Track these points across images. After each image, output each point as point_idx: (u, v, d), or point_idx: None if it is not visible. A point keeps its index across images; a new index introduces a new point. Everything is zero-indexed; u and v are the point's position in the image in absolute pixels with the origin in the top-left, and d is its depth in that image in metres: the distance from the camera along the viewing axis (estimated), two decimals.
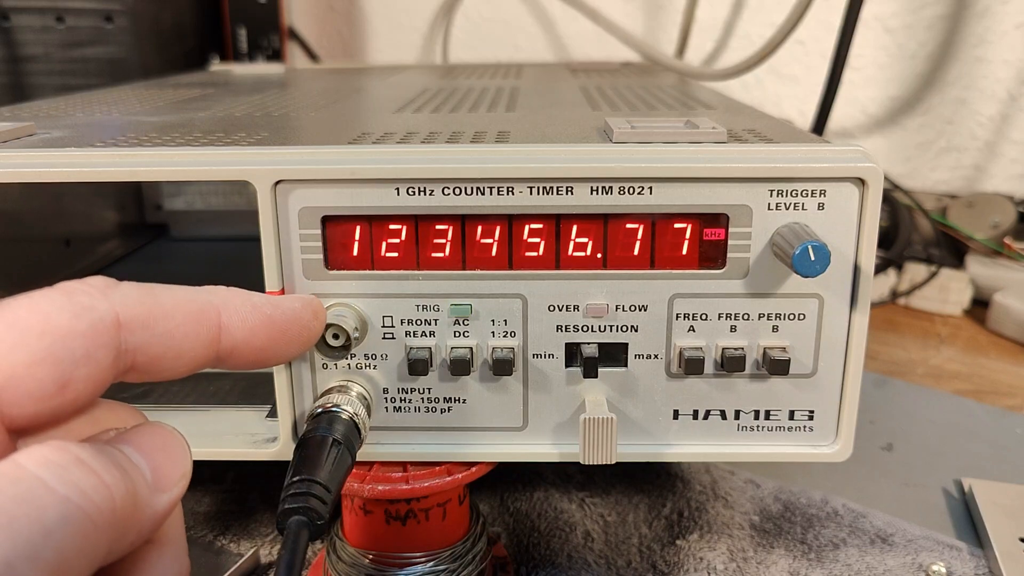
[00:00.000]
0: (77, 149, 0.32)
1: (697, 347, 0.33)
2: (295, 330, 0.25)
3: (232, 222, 0.69)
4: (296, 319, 0.25)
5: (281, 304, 0.25)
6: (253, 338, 0.24)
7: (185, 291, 0.23)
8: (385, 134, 0.36)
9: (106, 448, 0.20)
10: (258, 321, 0.24)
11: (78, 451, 0.18)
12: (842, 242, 0.31)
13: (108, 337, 0.20)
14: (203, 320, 0.23)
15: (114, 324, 0.21)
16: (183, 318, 0.22)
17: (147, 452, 0.21)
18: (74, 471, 0.18)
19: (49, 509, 0.17)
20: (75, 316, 0.20)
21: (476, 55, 1.08)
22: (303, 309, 0.26)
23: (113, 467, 0.19)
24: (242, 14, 0.92)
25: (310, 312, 0.26)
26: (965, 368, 0.66)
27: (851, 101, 0.93)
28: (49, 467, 0.18)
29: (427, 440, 0.35)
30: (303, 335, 0.26)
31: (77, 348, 0.20)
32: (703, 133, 0.32)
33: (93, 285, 0.21)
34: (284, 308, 0.25)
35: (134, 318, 0.21)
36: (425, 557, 0.35)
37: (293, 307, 0.26)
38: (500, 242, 0.32)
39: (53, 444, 0.18)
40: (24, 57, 0.77)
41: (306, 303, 0.26)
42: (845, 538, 0.43)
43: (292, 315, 0.25)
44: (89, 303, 0.20)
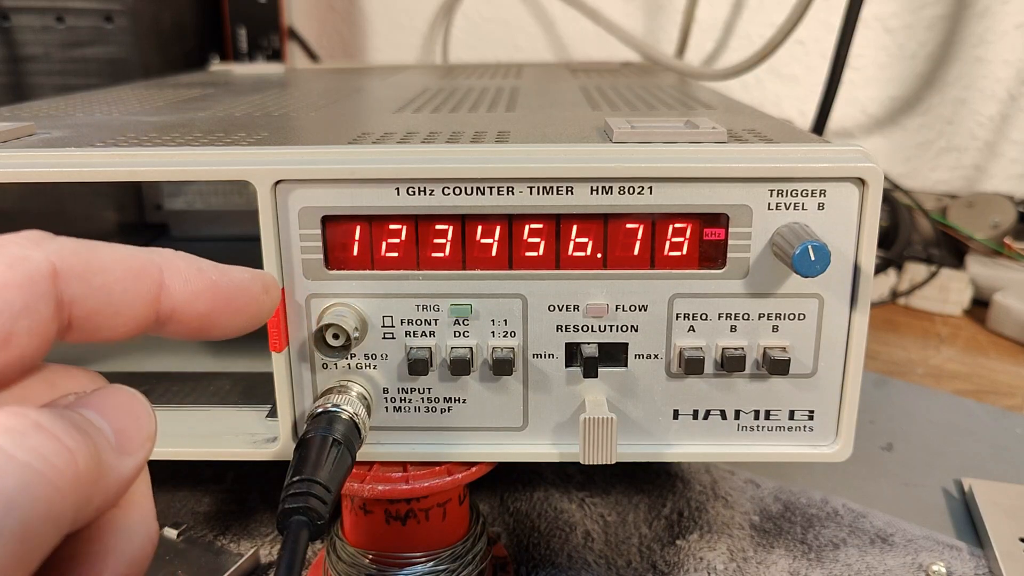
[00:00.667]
0: (77, 149, 0.32)
1: (697, 347, 0.33)
2: (242, 300, 0.24)
3: (232, 222, 0.69)
4: (243, 289, 0.24)
5: (229, 272, 0.24)
6: (195, 301, 0.23)
7: (126, 248, 0.22)
8: (385, 134, 0.36)
9: (66, 412, 0.19)
10: (202, 285, 0.23)
11: (36, 416, 0.18)
12: (842, 242, 0.31)
13: (44, 287, 0.20)
14: (143, 277, 0.22)
15: (50, 274, 0.20)
16: (122, 273, 0.22)
17: (109, 415, 0.20)
18: (33, 436, 0.17)
19: (9, 476, 0.17)
20: (8, 267, 0.19)
21: (476, 55, 1.08)
22: (252, 280, 0.25)
23: (74, 430, 0.18)
24: (242, 14, 0.92)
25: (260, 285, 0.25)
26: (965, 368, 0.66)
27: (851, 101, 0.93)
28: (7, 434, 0.17)
29: (427, 440, 0.35)
30: (251, 307, 0.25)
31: (15, 300, 0.19)
32: (703, 133, 0.32)
33: (27, 236, 0.20)
34: (232, 276, 0.24)
35: (70, 268, 0.20)
36: (425, 557, 0.35)
37: (242, 277, 0.24)
38: (500, 242, 0.32)
39: (9, 409, 0.18)
40: (24, 57, 0.77)
41: (256, 275, 0.25)
42: (845, 538, 0.43)
43: (240, 284, 0.24)
44: (22, 253, 0.20)
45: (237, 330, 0.24)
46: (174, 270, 0.23)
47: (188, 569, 0.40)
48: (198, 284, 0.23)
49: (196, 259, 0.24)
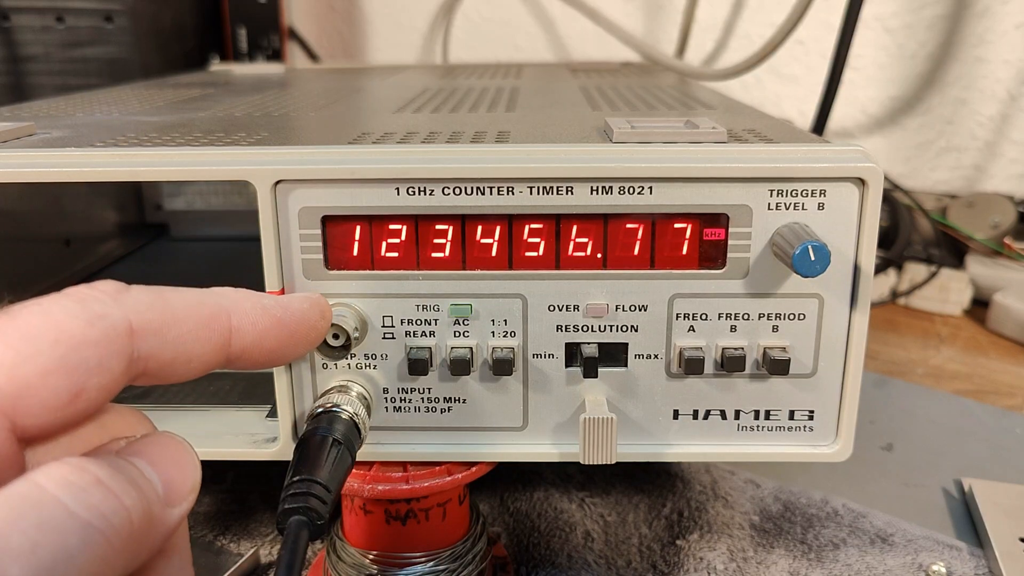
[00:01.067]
0: (77, 149, 0.32)
1: (697, 347, 0.33)
2: (303, 331, 0.25)
3: (232, 222, 0.69)
4: (304, 320, 0.25)
5: (290, 306, 0.25)
6: (263, 341, 0.24)
7: (195, 294, 0.23)
8: (385, 134, 0.36)
9: (121, 464, 0.19)
10: (268, 324, 0.24)
11: (96, 470, 0.18)
12: (842, 242, 0.31)
13: (121, 345, 0.20)
14: (214, 325, 0.23)
15: (127, 332, 0.20)
16: (194, 323, 0.22)
17: (159, 466, 0.20)
18: (94, 493, 0.18)
19: (71, 535, 0.17)
20: (88, 324, 0.20)
21: (476, 55, 1.08)
22: (311, 309, 0.26)
23: (130, 487, 0.19)
24: (242, 14, 0.92)
25: (317, 312, 0.26)
26: (965, 368, 0.66)
27: (851, 101, 0.93)
28: (70, 489, 0.17)
29: (427, 440, 0.35)
30: (311, 335, 0.26)
31: (91, 357, 0.19)
32: (703, 133, 0.32)
33: (104, 291, 0.21)
34: (293, 309, 0.25)
35: (146, 325, 0.21)
36: (425, 557, 0.35)
37: (302, 308, 0.26)
38: (500, 242, 0.32)
39: (71, 463, 0.18)
40: (24, 57, 0.77)
41: (313, 303, 0.26)
42: (845, 538, 0.43)
43: (301, 316, 0.25)
44: (102, 310, 0.20)
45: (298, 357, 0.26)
46: (241, 313, 0.23)
47: None
48: (264, 324, 0.24)
49: (259, 296, 0.24)
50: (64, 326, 0.19)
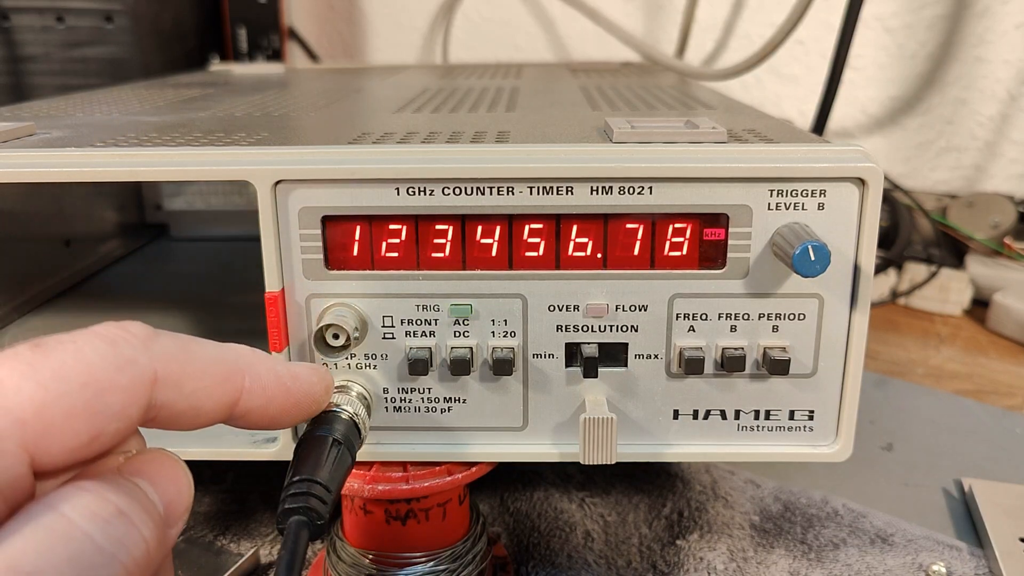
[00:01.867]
0: (77, 149, 0.32)
1: (697, 347, 0.33)
2: (306, 403, 0.26)
3: (232, 222, 0.69)
4: (310, 393, 0.26)
5: (299, 376, 0.25)
6: (268, 407, 0.24)
7: (216, 350, 0.23)
8: (385, 134, 0.36)
9: (131, 488, 0.20)
10: (277, 392, 0.24)
11: (116, 499, 0.19)
12: (842, 242, 0.31)
13: (144, 394, 0.20)
14: (228, 385, 0.23)
15: (151, 380, 0.21)
16: (211, 380, 0.22)
17: (161, 487, 0.21)
18: (118, 526, 0.18)
19: (100, 569, 0.17)
20: (118, 369, 0.20)
21: (476, 55, 1.08)
22: (319, 384, 0.26)
23: (146, 515, 0.19)
24: (242, 14, 0.92)
25: (323, 388, 0.27)
26: (965, 368, 0.66)
27: (851, 101, 0.93)
28: (95, 522, 0.18)
29: (427, 440, 0.35)
30: (311, 408, 0.27)
31: (115, 403, 0.20)
32: (703, 133, 0.32)
33: (136, 335, 0.21)
34: (302, 381, 0.25)
35: (168, 376, 0.21)
36: (425, 557, 0.35)
37: (310, 380, 0.26)
38: (500, 242, 0.32)
39: (91, 491, 0.18)
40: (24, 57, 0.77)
41: (321, 377, 0.27)
42: (845, 538, 0.43)
43: (308, 389, 0.26)
44: (132, 355, 0.20)
45: (292, 424, 0.26)
46: (255, 376, 0.24)
47: (188, 569, 0.40)
48: (273, 391, 0.24)
49: (273, 362, 0.25)
50: (95, 369, 0.19)
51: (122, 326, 0.21)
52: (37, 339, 0.19)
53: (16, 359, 0.19)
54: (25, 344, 0.19)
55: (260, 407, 0.24)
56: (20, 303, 0.50)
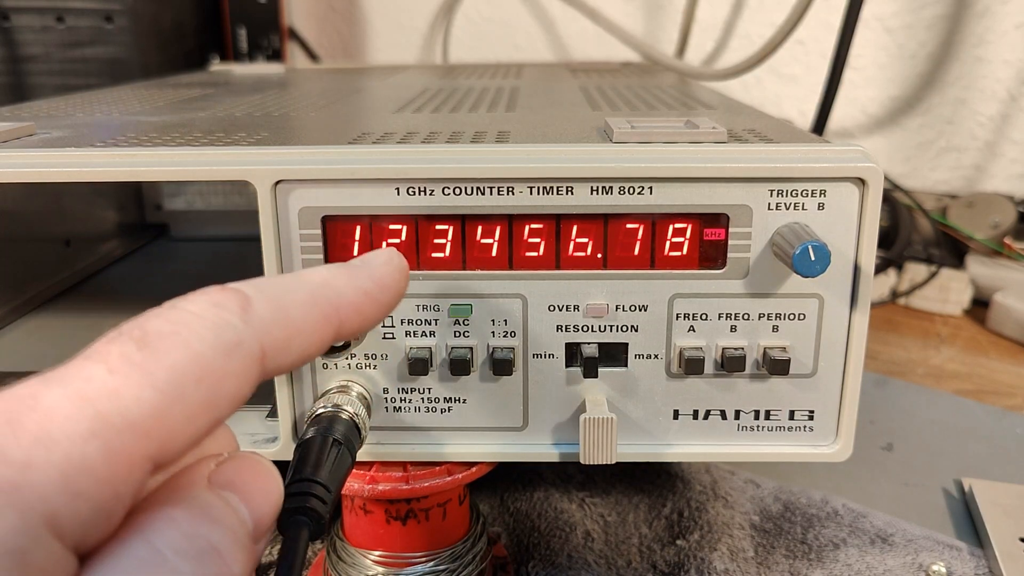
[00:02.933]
0: (77, 149, 0.32)
1: (697, 347, 0.33)
2: (394, 301, 0.25)
3: (232, 222, 0.69)
4: (398, 293, 0.25)
5: (384, 283, 0.24)
6: (365, 324, 0.24)
7: (305, 294, 0.22)
8: (385, 134, 0.36)
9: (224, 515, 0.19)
10: (371, 310, 0.24)
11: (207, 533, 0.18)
12: (842, 242, 0.31)
13: (255, 372, 0.20)
14: (327, 327, 0.22)
15: (260, 358, 0.20)
16: (312, 330, 0.22)
17: (251, 500, 0.20)
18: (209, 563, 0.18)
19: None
20: (227, 356, 0.19)
21: (476, 55, 1.08)
22: (402, 280, 0.25)
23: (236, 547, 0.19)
24: (242, 14, 0.92)
25: (406, 279, 0.26)
26: (965, 368, 0.66)
27: (851, 101, 0.93)
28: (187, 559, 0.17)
29: (427, 440, 0.35)
30: (398, 301, 0.25)
31: (230, 390, 0.19)
32: (703, 133, 0.32)
33: (231, 310, 0.20)
34: (388, 287, 0.24)
35: (275, 345, 0.20)
36: (425, 557, 0.35)
37: (395, 279, 0.25)
38: (500, 242, 0.32)
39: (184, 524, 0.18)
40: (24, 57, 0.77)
41: (402, 272, 0.25)
42: (845, 538, 0.43)
43: (395, 290, 0.25)
44: (236, 337, 0.19)
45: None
46: (348, 306, 0.23)
47: None
48: (369, 311, 0.24)
49: (358, 279, 0.24)
50: (206, 361, 0.18)
51: (217, 303, 0.20)
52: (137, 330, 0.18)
53: (126, 363, 0.18)
54: (127, 341, 0.18)
55: (357, 328, 0.23)
56: (20, 303, 0.50)
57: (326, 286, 0.23)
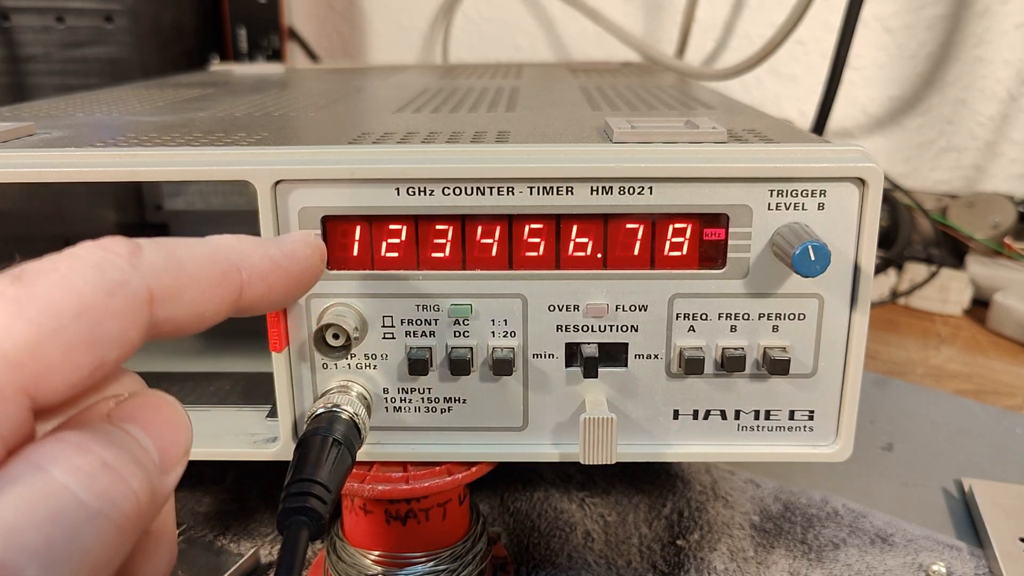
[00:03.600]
0: (77, 149, 0.32)
1: (697, 347, 0.33)
2: (307, 277, 0.25)
3: (232, 222, 0.69)
4: (308, 267, 0.25)
5: (293, 252, 0.25)
6: (270, 293, 0.23)
7: (205, 249, 0.22)
8: (385, 134, 0.36)
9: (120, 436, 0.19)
10: (276, 277, 0.24)
11: (101, 451, 0.18)
12: (842, 242, 0.31)
13: (142, 315, 0.19)
14: (226, 284, 0.22)
15: (147, 300, 0.19)
16: (208, 283, 0.21)
17: (153, 430, 0.20)
18: (103, 479, 0.17)
19: (84, 525, 0.16)
20: (109, 294, 0.18)
21: (476, 55, 1.08)
22: (314, 255, 0.26)
23: (135, 466, 0.18)
24: (242, 14, 0.92)
25: (318, 256, 0.26)
26: (965, 368, 0.66)
27: (851, 101, 0.93)
28: (78, 476, 0.17)
29: (427, 440, 0.35)
30: (312, 281, 0.26)
31: (112, 329, 0.18)
32: (703, 133, 0.32)
33: (119, 253, 0.20)
34: (297, 257, 0.25)
35: (164, 290, 0.20)
36: (425, 557, 0.35)
37: (305, 255, 0.25)
38: (500, 242, 0.32)
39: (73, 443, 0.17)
40: (24, 57, 0.77)
41: (313, 247, 0.26)
42: (845, 538, 0.43)
43: (305, 263, 0.25)
44: (120, 277, 0.19)
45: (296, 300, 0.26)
46: (251, 268, 0.23)
47: (188, 569, 0.40)
48: (274, 277, 0.23)
49: (264, 246, 0.24)
50: (86, 298, 0.18)
51: (102, 245, 0.20)
52: (16, 269, 0.18)
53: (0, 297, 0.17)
54: (3, 278, 0.18)
55: (262, 295, 0.23)
56: None
57: (229, 247, 0.23)
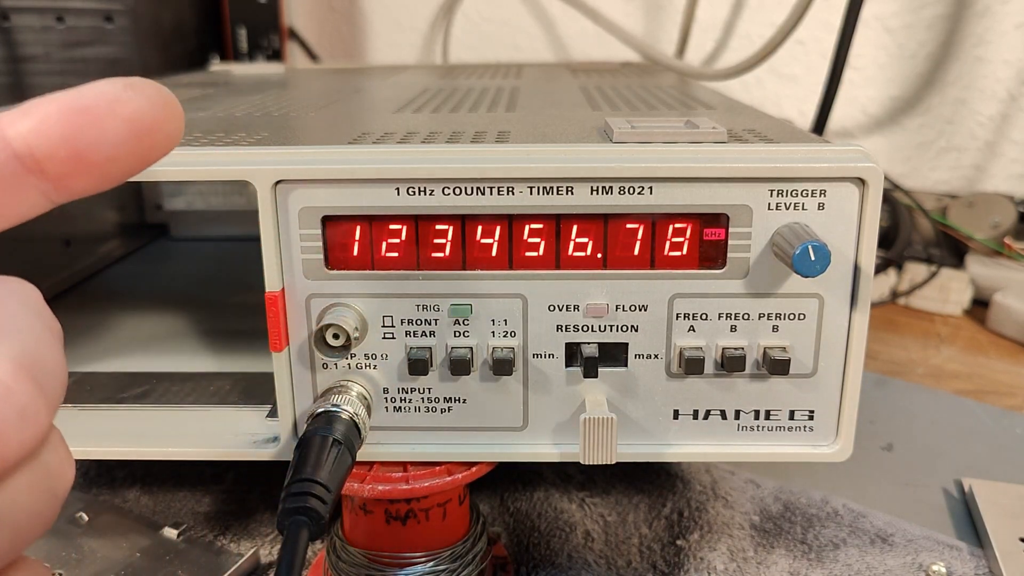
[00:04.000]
0: None
1: (697, 347, 0.33)
2: (99, 105, 0.19)
3: (232, 222, 0.69)
4: (98, 92, 0.19)
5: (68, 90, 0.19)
6: (43, 126, 0.18)
7: None
8: (385, 134, 0.36)
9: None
10: (40, 105, 0.19)
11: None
12: (842, 242, 0.31)
13: None
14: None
15: None
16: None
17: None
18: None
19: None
20: None
21: (476, 55, 1.08)
22: (105, 82, 0.20)
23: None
24: (242, 14, 0.92)
25: (118, 84, 0.20)
26: (965, 368, 0.66)
27: (851, 101, 0.93)
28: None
29: (427, 440, 0.35)
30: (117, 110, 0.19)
31: None
32: (703, 133, 0.32)
33: None
34: (79, 88, 0.19)
35: None
36: (425, 557, 0.35)
37: (91, 84, 0.19)
38: (500, 242, 0.32)
39: None
40: (24, 57, 0.77)
41: (110, 79, 0.20)
42: (845, 538, 0.43)
43: (89, 89, 0.19)
44: None
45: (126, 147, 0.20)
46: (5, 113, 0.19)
47: (188, 569, 0.40)
48: (37, 107, 0.19)
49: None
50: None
51: None
52: None
53: None
54: None
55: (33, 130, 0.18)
56: None
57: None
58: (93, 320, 0.49)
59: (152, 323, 0.48)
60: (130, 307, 0.52)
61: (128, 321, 0.49)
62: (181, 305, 0.51)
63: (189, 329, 0.48)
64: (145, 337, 0.47)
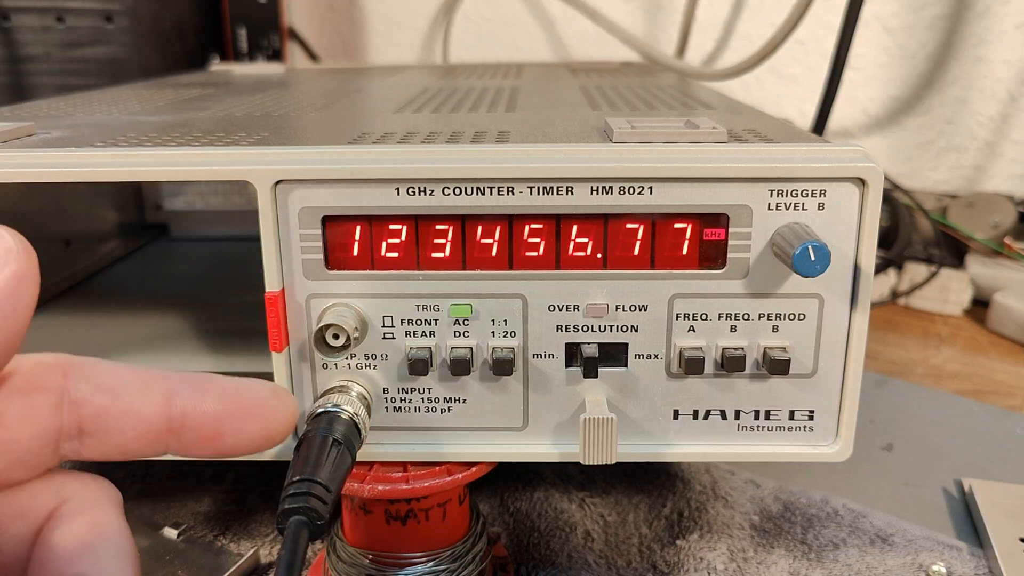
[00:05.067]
0: (77, 149, 0.32)
1: (697, 347, 0.33)
2: (249, 401, 0.24)
3: (232, 222, 0.69)
4: (251, 391, 0.24)
5: (235, 379, 0.24)
6: (203, 402, 0.23)
7: (129, 367, 0.23)
8: (385, 134, 0.36)
9: None
10: (208, 386, 0.23)
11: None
12: (842, 242, 0.31)
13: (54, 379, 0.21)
14: (151, 383, 0.23)
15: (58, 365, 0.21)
16: (128, 376, 0.23)
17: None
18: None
19: None
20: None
21: (476, 55, 1.08)
22: (260, 385, 0.24)
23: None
24: (242, 14, 0.92)
25: (267, 389, 0.25)
26: (965, 368, 0.66)
27: (851, 101, 0.93)
28: None
29: (427, 440, 0.35)
30: (260, 410, 0.24)
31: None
32: (703, 133, 0.32)
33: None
34: (239, 382, 0.24)
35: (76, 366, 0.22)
36: (425, 557, 0.35)
37: (249, 382, 0.24)
38: (500, 242, 0.32)
39: None
40: (24, 57, 0.77)
41: (264, 383, 0.25)
42: (845, 538, 0.43)
43: (247, 387, 0.24)
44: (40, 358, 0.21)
45: (251, 439, 0.24)
46: (179, 378, 0.23)
47: (188, 569, 0.40)
48: (204, 384, 0.23)
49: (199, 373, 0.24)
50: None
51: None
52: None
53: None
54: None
55: (194, 403, 0.23)
56: None
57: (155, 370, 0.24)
58: (93, 320, 0.49)
59: (152, 323, 0.48)
60: (130, 307, 0.52)
61: (128, 321, 0.49)
62: (181, 305, 0.51)
63: (189, 329, 0.48)
64: (145, 337, 0.47)
